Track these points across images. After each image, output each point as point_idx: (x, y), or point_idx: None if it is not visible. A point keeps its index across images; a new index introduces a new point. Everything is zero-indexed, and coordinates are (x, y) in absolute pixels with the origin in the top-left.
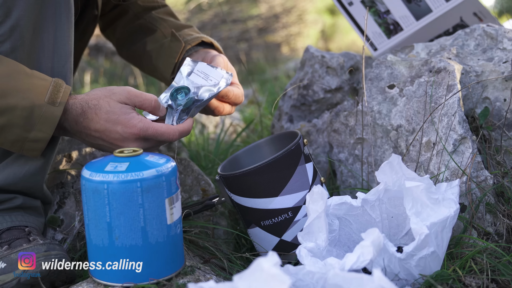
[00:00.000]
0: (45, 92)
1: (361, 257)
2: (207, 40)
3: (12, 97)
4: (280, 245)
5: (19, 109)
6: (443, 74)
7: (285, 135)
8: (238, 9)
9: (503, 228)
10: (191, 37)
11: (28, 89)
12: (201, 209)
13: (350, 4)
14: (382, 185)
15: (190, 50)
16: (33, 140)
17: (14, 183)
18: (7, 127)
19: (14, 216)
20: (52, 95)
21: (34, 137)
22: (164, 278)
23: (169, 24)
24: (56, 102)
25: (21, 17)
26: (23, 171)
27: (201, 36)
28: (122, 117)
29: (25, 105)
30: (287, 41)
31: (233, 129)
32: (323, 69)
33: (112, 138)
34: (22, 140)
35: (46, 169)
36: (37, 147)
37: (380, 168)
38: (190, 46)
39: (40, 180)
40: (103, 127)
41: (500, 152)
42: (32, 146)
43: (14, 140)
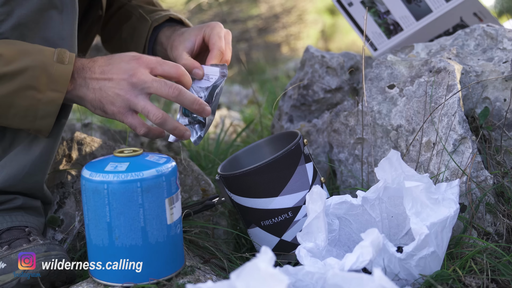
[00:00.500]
0: (52, 54)
1: (361, 257)
2: (175, 17)
3: (22, 59)
4: (280, 245)
5: (30, 70)
6: (443, 74)
7: (285, 135)
8: (238, 9)
9: (503, 228)
10: (160, 15)
11: (36, 52)
12: (201, 209)
13: (350, 5)
14: (382, 182)
15: (158, 28)
16: (47, 102)
17: (14, 184)
18: (20, 91)
19: (14, 216)
20: (59, 56)
21: (48, 98)
22: (164, 278)
23: (144, 10)
24: (64, 61)
25: (24, 16)
26: (23, 172)
27: (169, 13)
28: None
29: (36, 65)
30: (287, 41)
31: (233, 129)
32: (323, 69)
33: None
34: (36, 104)
35: (46, 170)
36: (51, 111)
37: (379, 165)
38: (158, 23)
39: (40, 181)
40: (107, 62)
41: (500, 152)
42: (46, 110)
43: (28, 106)
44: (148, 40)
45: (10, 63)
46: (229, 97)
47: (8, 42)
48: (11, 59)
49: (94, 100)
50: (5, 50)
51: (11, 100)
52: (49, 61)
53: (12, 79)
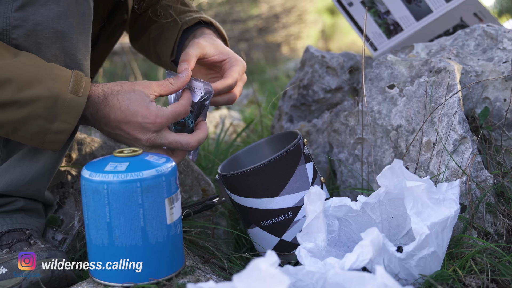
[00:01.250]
0: (67, 82)
1: (361, 256)
2: (206, 19)
3: (35, 87)
4: (280, 245)
5: (43, 100)
6: (443, 74)
7: (285, 135)
8: (238, 9)
9: (503, 228)
10: (190, 17)
11: (51, 80)
12: (201, 209)
13: (350, 5)
14: (383, 188)
15: (189, 30)
16: (56, 132)
17: (16, 190)
18: (30, 119)
19: (15, 218)
20: (75, 85)
21: (57, 129)
22: (164, 278)
23: (174, 9)
24: (79, 92)
25: (39, 23)
26: (26, 179)
27: (200, 16)
28: (142, 105)
29: (49, 95)
30: (287, 41)
31: (233, 129)
32: (323, 69)
33: (131, 128)
34: (45, 132)
35: (49, 179)
36: (59, 139)
37: (382, 173)
38: (188, 26)
39: (42, 189)
40: (122, 115)
41: (500, 152)
42: (54, 138)
43: (36, 133)
44: (177, 43)
45: (22, 90)
46: None
47: (23, 63)
48: (24, 85)
49: (108, 135)
50: (19, 75)
51: (19, 125)
52: (63, 92)
53: (23, 107)
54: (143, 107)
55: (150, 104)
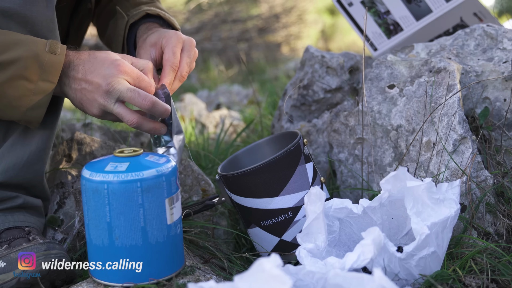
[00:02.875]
0: (44, 44)
1: (362, 256)
2: (153, 12)
3: (15, 50)
4: (280, 245)
5: (23, 60)
6: (443, 74)
7: (285, 135)
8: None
9: (503, 228)
10: (137, 11)
11: (29, 43)
12: (201, 209)
13: (350, 5)
14: (386, 193)
15: (135, 24)
16: (38, 92)
17: (15, 175)
18: (12, 81)
19: (16, 216)
20: (51, 46)
21: (39, 88)
22: (164, 278)
23: (130, 3)
24: (56, 51)
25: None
26: (22, 161)
27: (146, 9)
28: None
29: (29, 55)
30: (287, 41)
31: (233, 129)
32: (323, 69)
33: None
34: (28, 94)
35: (45, 159)
36: (42, 101)
37: (386, 179)
38: (134, 20)
39: (40, 171)
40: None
41: (500, 152)
42: (37, 100)
43: (20, 96)
44: (126, 38)
45: (2, 53)
46: (229, 97)
47: (0, 32)
48: (4, 48)
49: (75, 100)
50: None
51: (2, 90)
52: (41, 51)
53: (3, 69)
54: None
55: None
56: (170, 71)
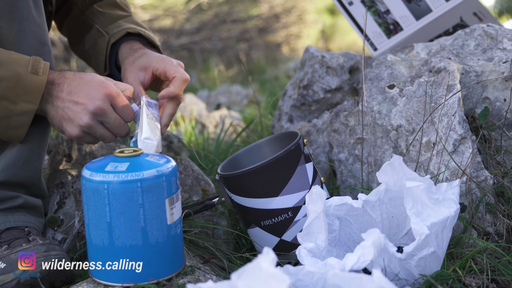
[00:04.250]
0: (27, 64)
1: (362, 257)
2: (134, 30)
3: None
4: (280, 245)
5: (5, 81)
6: (443, 74)
7: (285, 135)
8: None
9: (503, 228)
10: (118, 29)
11: (11, 62)
12: (201, 209)
13: (350, 4)
14: (383, 185)
15: (117, 44)
16: (20, 113)
17: (15, 172)
18: None
19: (16, 216)
20: (34, 66)
21: (21, 110)
22: (164, 278)
23: (106, 17)
24: (39, 71)
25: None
26: (22, 159)
27: (127, 27)
28: (97, 79)
29: (11, 76)
30: (287, 41)
31: (233, 129)
32: (323, 69)
33: (85, 96)
34: (9, 115)
35: (43, 156)
36: (23, 122)
37: (381, 169)
38: (115, 39)
39: (39, 169)
40: (76, 82)
41: (500, 152)
42: (19, 121)
43: (1, 117)
44: (107, 57)
45: None
46: (229, 97)
47: None
48: None
49: (55, 118)
50: None
51: None
52: (23, 72)
53: None
54: (97, 78)
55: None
56: (181, 82)
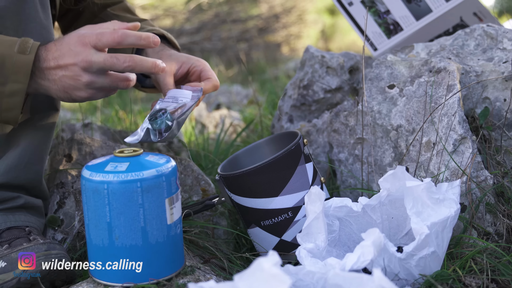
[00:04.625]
0: (14, 45)
1: (362, 257)
2: (158, 32)
3: None
4: (280, 245)
5: None
6: (443, 74)
7: (285, 135)
8: (238, 9)
9: (503, 228)
10: (143, 31)
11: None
12: (201, 209)
13: (350, 4)
14: (385, 192)
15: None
16: (10, 94)
17: (17, 175)
18: None
19: (17, 216)
20: (21, 46)
21: (10, 90)
22: (164, 278)
23: (123, 20)
24: (26, 51)
25: (3, 8)
26: (24, 162)
27: (151, 29)
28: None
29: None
30: (287, 41)
31: (233, 129)
32: (323, 69)
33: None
34: (0, 97)
35: (45, 159)
36: (15, 103)
37: (384, 178)
38: None
39: (40, 172)
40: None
41: (500, 152)
42: (10, 102)
43: None
44: None
45: None
46: (229, 97)
47: None
48: None
49: (59, 91)
50: None
51: None
52: (9, 52)
53: None
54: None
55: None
56: (211, 86)
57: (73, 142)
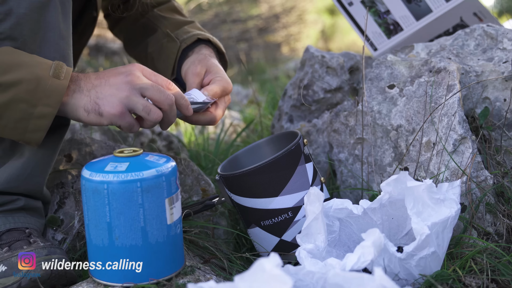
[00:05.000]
0: (49, 68)
1: (362, 257)
2: (204, 37)
3: (17, 71)
4: (280, 245)
5: (25, 83)
6: (443, 74)
7: (285, 135)
8: (238, 9)
9: (503, 228)
10: (188, 35)
11: (33, 65)
12: (201, 209)
13: (350, 4)
14: (387, 195)
15: (187, 49)
16: (39, 117)
17: (17, 186)
18: (12, 103)
19: (17, 218)
20: (56, 70)
21: (40, 113)
22: (164, 278)
23: (169, 22)
24: (60, 76)
25: (22, 15)
26: (25, 173)
27: (197, 33)
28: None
29: (31, 78)
30: (287, 41)
31: (233, 129)
32: (323, 69)
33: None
34: (28, 118)
35: (47, 172)
36: (42, 125)
37: (387, 182)
38: (186, 45)
39: (41, 183)
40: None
41: (500, 152)
42: (37, 124)
43: (19, 119)
44: (177, 62)
45: (5, 74)
46: None
47: (5, 52)
48: (7, 69)
49: (88, 103)
50: (1, 59)
51: (2, 111)
52: (44, 75)
53: (5, 91)
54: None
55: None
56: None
57: (73, 142)
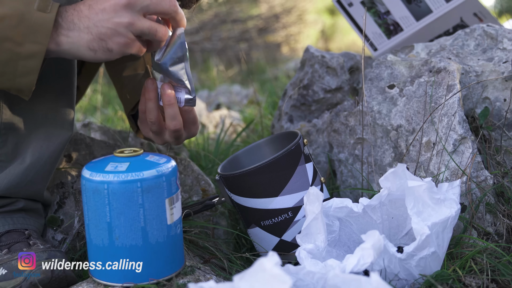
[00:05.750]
0: (33, 1)
1: (362, 260)
2: None
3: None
4: (280, 245)
5: (7, 19)
6: (443, 74)
7: (285, 135)
8: (238, 9)
9: (503, 228)
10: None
11: (14, 0)
12: (201, 209)
13: (350, 5)
14: (386, 191)
15: None
16: (27, 56)
17: (16, 191)
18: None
19: (16, 219)
20: (41, 3)
21: (28, 52)
22: (164, 278)
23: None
24: (46, 9)
25: None
26: (26, 180)
27: None
28: None
29: (13, 13)
30: (287, 41)
31: (233, 129)
32: (323, 69)
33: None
34: (15, 59)
35: (48, 179)
36: (32, 66)
37: (385, 176)
38: None
39: (42, 189)
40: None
41: (500, 152)
42: (26, 65)
43: (6, 61)
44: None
45: None
46: (229, 97)
47: None
48: None
49: (92, 41)
50: None
51: None
52: (28, 9)
53: None
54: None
55: None
56: None
57: (73, 142)
